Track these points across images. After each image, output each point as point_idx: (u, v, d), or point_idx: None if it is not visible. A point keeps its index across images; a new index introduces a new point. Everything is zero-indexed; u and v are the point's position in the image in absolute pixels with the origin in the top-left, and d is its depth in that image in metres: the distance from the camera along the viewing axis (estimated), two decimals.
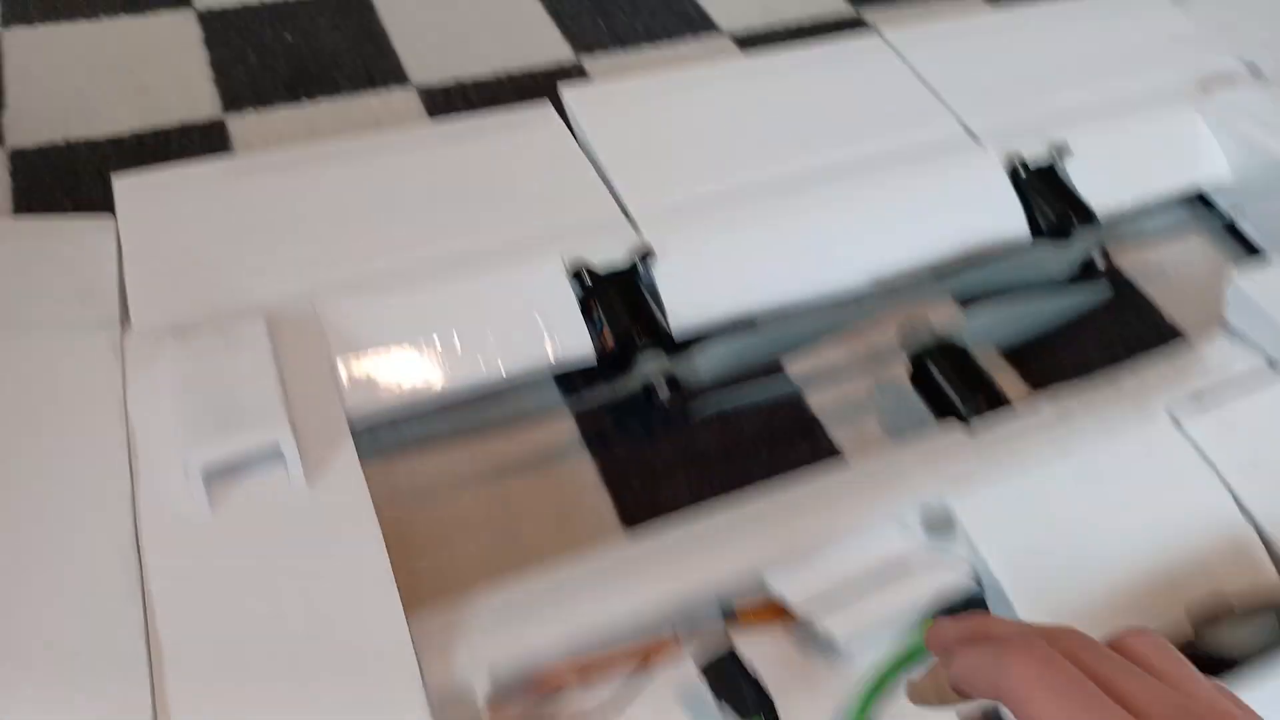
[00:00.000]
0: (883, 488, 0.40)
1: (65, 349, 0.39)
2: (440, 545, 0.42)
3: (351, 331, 0.42)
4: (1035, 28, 0.64)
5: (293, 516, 0.35)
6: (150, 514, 0.34)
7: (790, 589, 0.37)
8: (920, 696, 0.29)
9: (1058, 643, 0.25)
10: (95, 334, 0.39)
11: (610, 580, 0.36)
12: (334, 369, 0.40)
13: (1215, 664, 0.35)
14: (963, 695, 0.27)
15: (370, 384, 0.41)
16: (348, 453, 0.37)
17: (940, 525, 0.39)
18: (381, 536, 0.35)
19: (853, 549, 0.38)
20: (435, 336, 0.43)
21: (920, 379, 0.46)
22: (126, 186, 0.47)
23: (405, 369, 0.42)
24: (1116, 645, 0.26)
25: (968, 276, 0.51)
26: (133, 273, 0.42)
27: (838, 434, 0.48)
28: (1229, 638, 0.35)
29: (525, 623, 0.35)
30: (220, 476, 0.35)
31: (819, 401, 0.49)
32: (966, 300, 0.54)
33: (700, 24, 0.72)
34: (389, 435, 0.45)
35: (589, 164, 0.51)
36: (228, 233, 0.45)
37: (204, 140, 0.58)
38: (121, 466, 0.35)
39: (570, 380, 0.48)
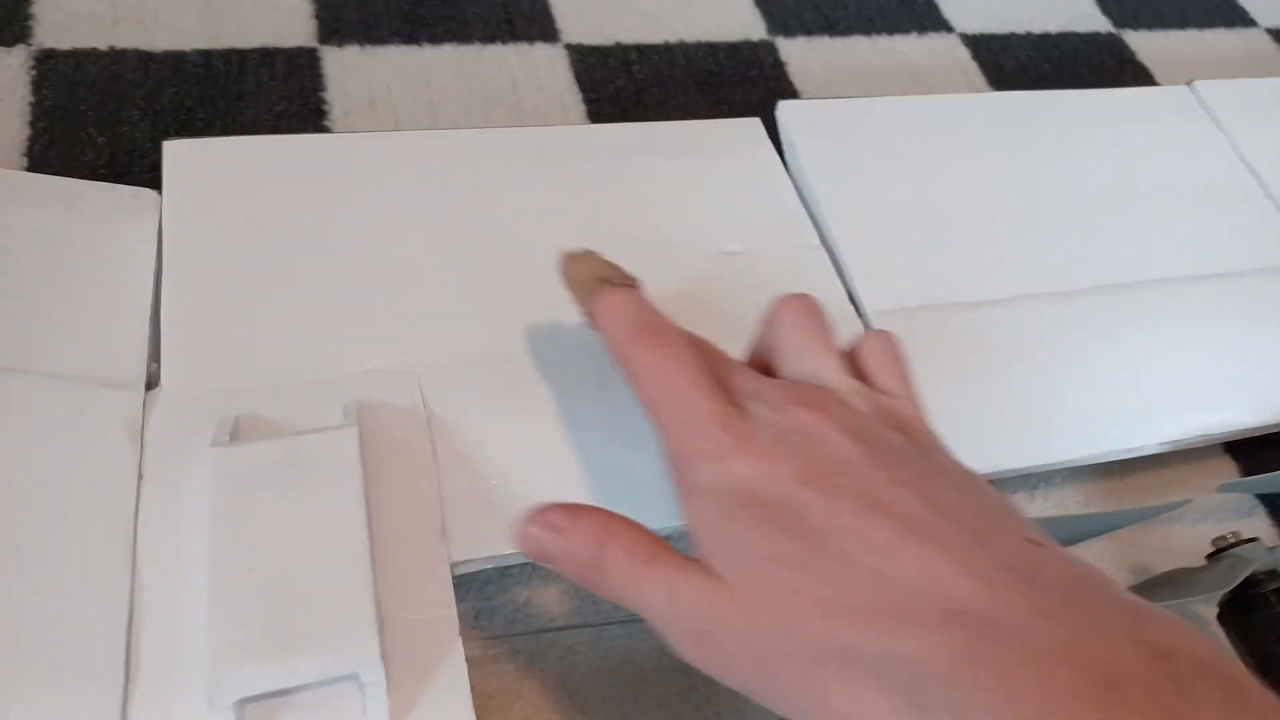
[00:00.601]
0: None
1: (72, 415, 0.26)
2: None
3: (472, 448, 0.29)
4: None
5: None
6: None
7: None
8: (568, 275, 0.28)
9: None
10: (110, 398, 0.27)
11: None
12: (443, 510, 0.28)
13: None
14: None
15: (488, 528, 0.29)
16: (455, 676, 0.24)
17: None
18: None
19: None
20: (575, 469, 0.30)
21: (1240, 628, 0.33)
22: (180, 159, 0.33)
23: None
24: (854, 345, 0.27)
25: None
26: (172, 312, 0.29)
27: None
28: None
29: None
30: (259, 702, 0.23)
31: None
32: (1272, 503, 0.40)
33: (927, 17, 0.56)
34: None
35: (809, 224, 0.37)
36: (313, 259, 0.32)
37: (289, 74, 0.44)
38: (117, 656, 0.23)
39: None
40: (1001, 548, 0.20)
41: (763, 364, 0.28)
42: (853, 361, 0.27)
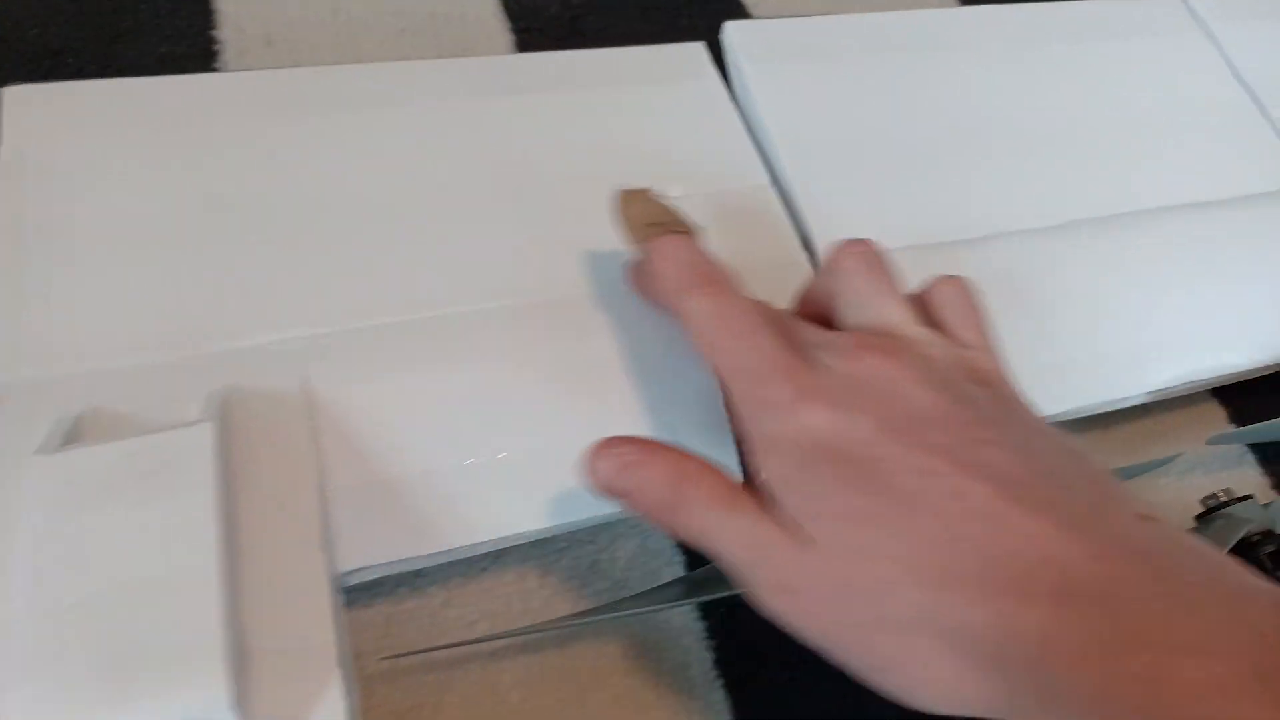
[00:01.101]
0: None
1: None
2: None
3: (361, 435, 0.25)
4: None
5: None
6: None
7: None
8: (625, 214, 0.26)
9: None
10: None
11: None
12: (325, 510, 0.24)
13: None
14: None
15: (384, 531, 0.25)
16: (332, 713, 0.21)
17: None
18: None
19: None
20: (494, 453, 0.26)
21: None
22: (23, 106, 0.29)
23: (442, 505, 0.25)
24: (924, 291, 0.26)
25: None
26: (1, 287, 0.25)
27: None
28: None
29: None
30: None
31: None
32: (1262, 452, 0.37)
33: None
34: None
35: (758, 161, 0.33)
36: (179, 220, 0.27)
37: (174, 9, 0.39)
38: None
39: None
40: (1113, 520, 0.19)
41: (818, 316, 0.26)
42: (923, 309, 0.25)
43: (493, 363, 0.27)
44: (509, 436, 0.26)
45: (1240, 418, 0.38)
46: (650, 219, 0.25)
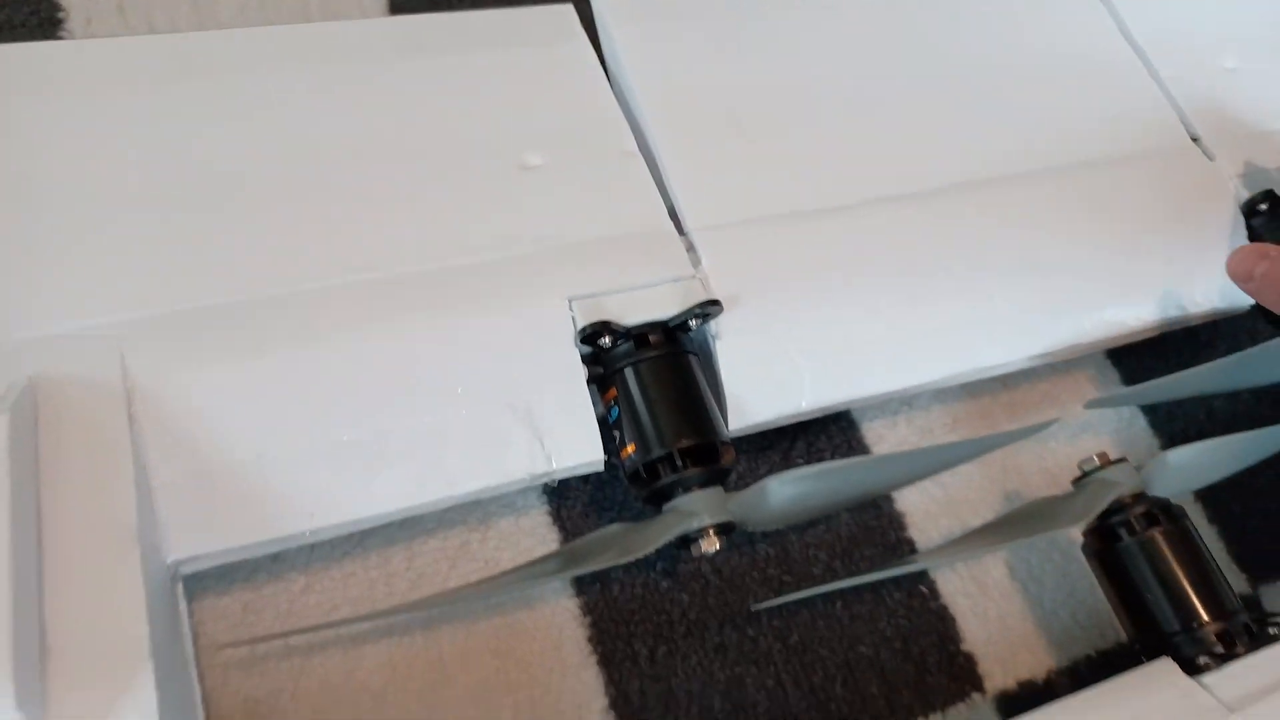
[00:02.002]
0: None
1: None
2: None
3: (187, 423, 0.24)
4: None
5: None
6: None
7: None
8: None
9: None
10: None
11: None
12: (148, 499, 0.23)
13: None
14: None
15: (219, 517, 0.24)
16: (144, 706, 0.20)
17: None
18: None
19: None
20: (338, 435, 0.25)
21: (1102, 552, 0.30)
22: None
23: (282, 490, 0.24)
24: None
25: (1158, 385, 0.34)
26: None
27: (946, 583, 0.32)
28: None
29: None
30: None
31: (921, 523, 0.33)
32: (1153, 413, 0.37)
33: None
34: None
35: (626, 128, 0.32)
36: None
37: None
38: None
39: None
40: None
41: None
42: None
43: (339, 342, 0.26)
44: (353, 417, 0.25)
45: (1133, 380, 0.38)
46: None
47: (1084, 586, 0.33)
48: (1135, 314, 0.35)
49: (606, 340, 0.28)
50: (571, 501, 0.31)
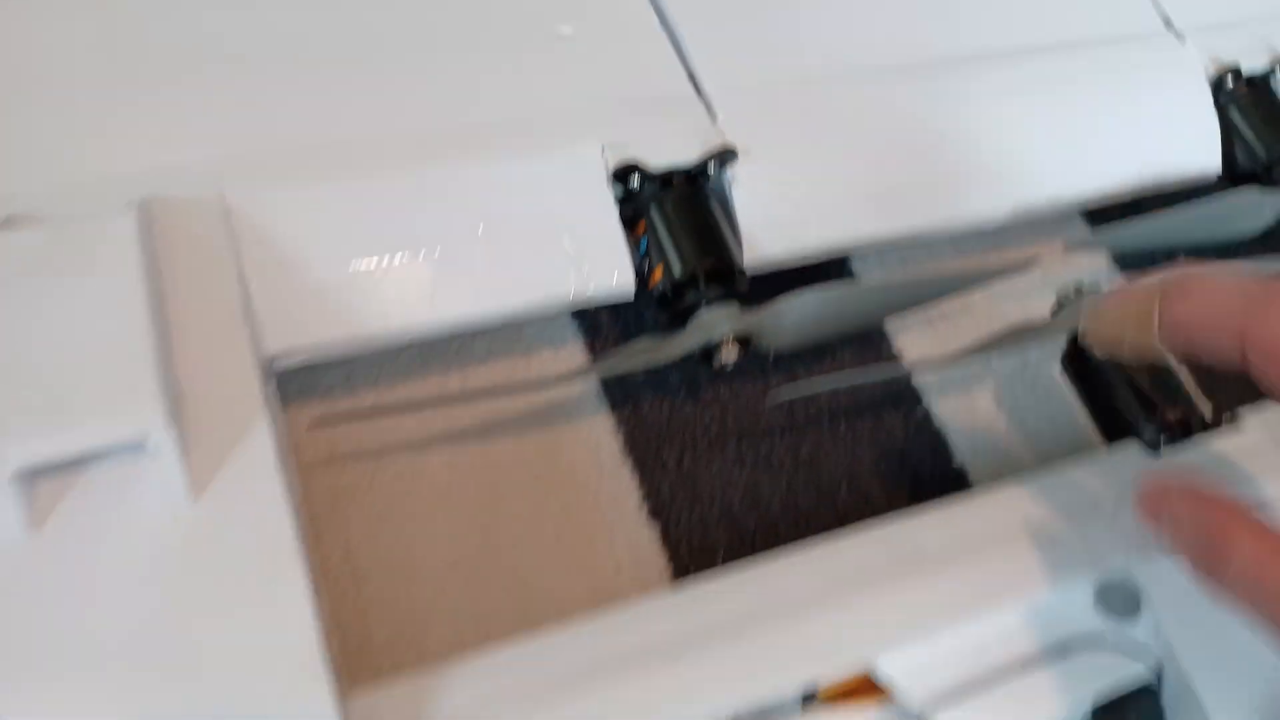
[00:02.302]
0: (1041, 541, 0.28)
1: None
2: (394, 534, 0.30)
3: (280, 232, 0.28)
4: None
5: (162, 544, 0.22)
6: None
7: (905, 678, 0.26)
8: (1101, 332, 0.21)
9: None
10: None
11: (649, 659, 0.24)
12: (248, 292, 0.27)
13: None
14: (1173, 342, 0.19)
15: (305, 315, 0.28)
16: (260, 445, 0.24)
17: (1120, 601, 0.27)
18: (308, 585, 0.22)
19: (995, 624, 0.27)
20: (404, 253, 0.29)
21: (1078, 368, 0.34)
22: None
23: (357, 298, 0.28)
24: None
25: (1133, 229, 0.38)
26: None
27: (942, 409, 0.36)
28: None
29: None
30: (47, 477, 0.22)
31: (918, 359, 0.37)
32: (1124, 261, 0.41)
33: None
34: (328, 372, 0.32)
35: (647, 4, 0.36)
36: (82, 55, 0.30)
37: None
38: None
39: (590, 311, 0.35)
40: None
41: None
42: None
43: (403, 174, 0.30)
44: (418, 238, 0.29)
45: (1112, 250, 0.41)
46: (1140, 307, 0.21)
47: (1064, 411, 0.37)
48: (1111, 174, 0.39)
49: (635, 180, 0.31)
50: (604, 337, 0.35)
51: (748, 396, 0.35)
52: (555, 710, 0.23)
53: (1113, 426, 0.33)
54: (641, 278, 0.32)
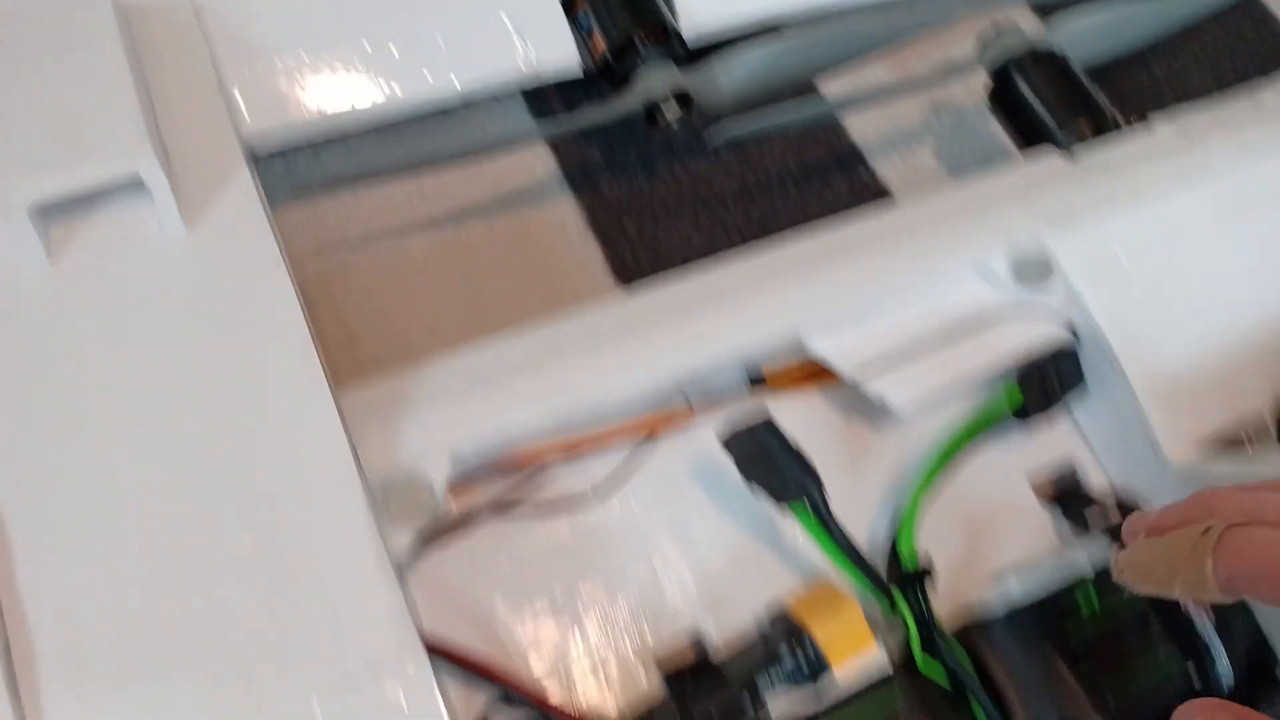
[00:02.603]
0: (958, 225, 0.30)
1: None
2: (380, 307, 0.33)
3: (247, 26, 0.30)
4: None
5: (165, 268, 0.25)
6: None
7: (838, 353, 0.29)
8: (1144, 575, 0.21)
9: None
10: None
11: (603, 342, 0.27)
12: (222, 78, 0.29)
13: None
14: (1229, 589, 0.19)
15: (275, 99, 0.31)
16: (242, 185, 0.27)
17: (1033, 270, 0.30)
18: (293, 288, 0.25)
19: (916, 300, 0.29)
20: (365, 37, 0.32)
21: (1003, 96, 0.36)
22: None
23: (323, 80, 0.31)
24: None
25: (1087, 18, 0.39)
26: None
27: (884, 169, 0.38)
28: None
29: (494, 393, 0.26)
30: (60, 218, 0.25)
31: (861, 129, 0.39)
32: (1047, 10, 0.42)
33: None
34: (312, 168, 0.35)
35: None
36: None
37: None
38: None
39: (544, 99, 0.37)
40: None
41: None
42: None
43: None
44: (380, 21, 0.32)
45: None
46: (1182, 549, 0.20)
47: (1003, 158, 0.39)
48: None
49: None
50: (565, 133, 0.38)
51: (700, 172, 0.38)
52: (516, 384, 0.26)
53: (1031, 139, 0.35)
54: (587, 60, 0.34)
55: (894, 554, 0.28)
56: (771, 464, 0.26)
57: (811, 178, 0.38)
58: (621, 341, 0.27)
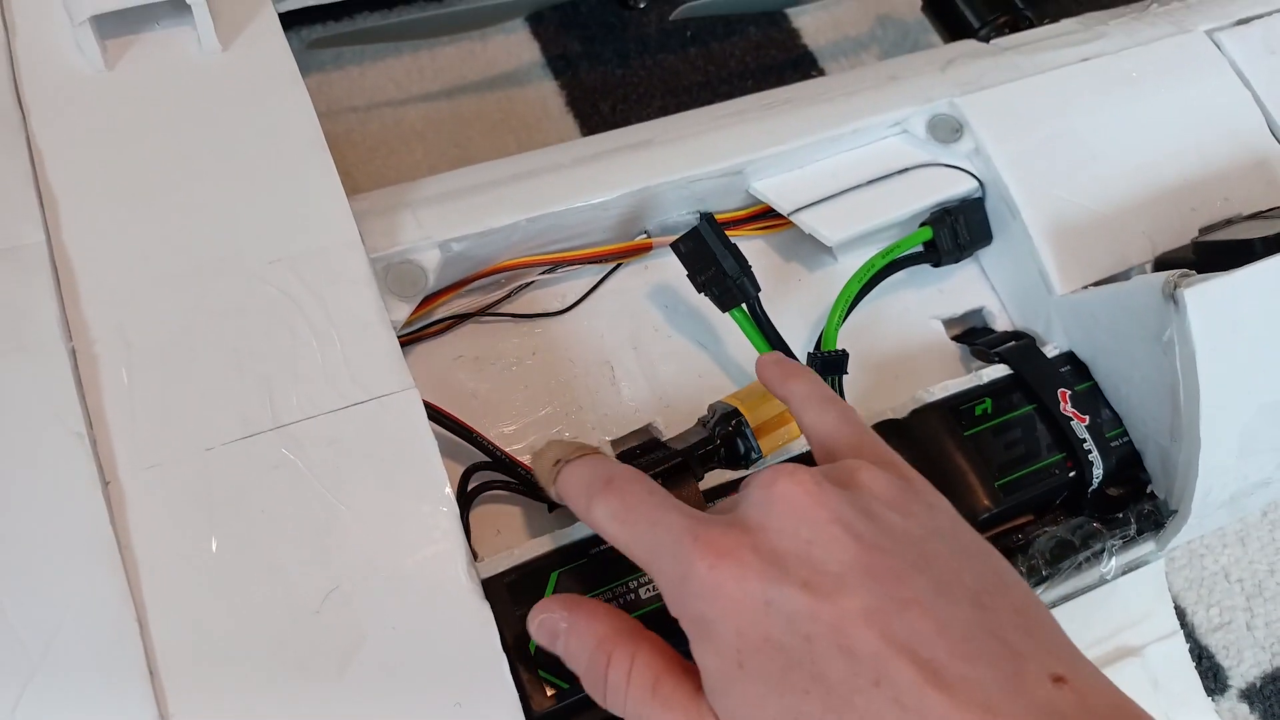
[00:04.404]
0: (885, 90, 0.35)
1: None
2: (380, 168, 0.38)
3: None
4: None
5: (204, 80, 0.29)
6: (32, 67, 0.29)
7: (777, 193, 0.33)
8: (536, 469, 0.26)
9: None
10: None
11: (573, 166, 0.32)
12: None
13: None
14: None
15: None
16: (267, 18, 0.31)
17: (947, 129, 0.35)
18: (309, 101, 0.30)
19: (847, 153, 0.34)
20: None
21: (935, 1, 0.41)
22: None
23: None
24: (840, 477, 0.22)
25: None
26: None
27: (834, 70, 0.43)
28: (1235, 233, 0.33)
29: (478, 199, 0.31)
30: (116, 33, 0.30)
31: (814, 35, 0.44)
32: None
33: None
34: (321, 52, 0.39)
35: None
36: None
37: None
38: None
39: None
40: (1030, 690, 0.19)
41: None
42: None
43: None
44: None
45: None
46: (553, 458, 0.25)
47: None
48: None
49: None
50: (545, 24, 0.42)
51: (670, 65, 0.43)
52: (498, 192, 0.30)
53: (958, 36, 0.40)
54: None
55: (817, 349, 0.32)
56: (714, 262, 0.30)
57: (768, 75, 0.43)
58: (589, 165, 0.32)
